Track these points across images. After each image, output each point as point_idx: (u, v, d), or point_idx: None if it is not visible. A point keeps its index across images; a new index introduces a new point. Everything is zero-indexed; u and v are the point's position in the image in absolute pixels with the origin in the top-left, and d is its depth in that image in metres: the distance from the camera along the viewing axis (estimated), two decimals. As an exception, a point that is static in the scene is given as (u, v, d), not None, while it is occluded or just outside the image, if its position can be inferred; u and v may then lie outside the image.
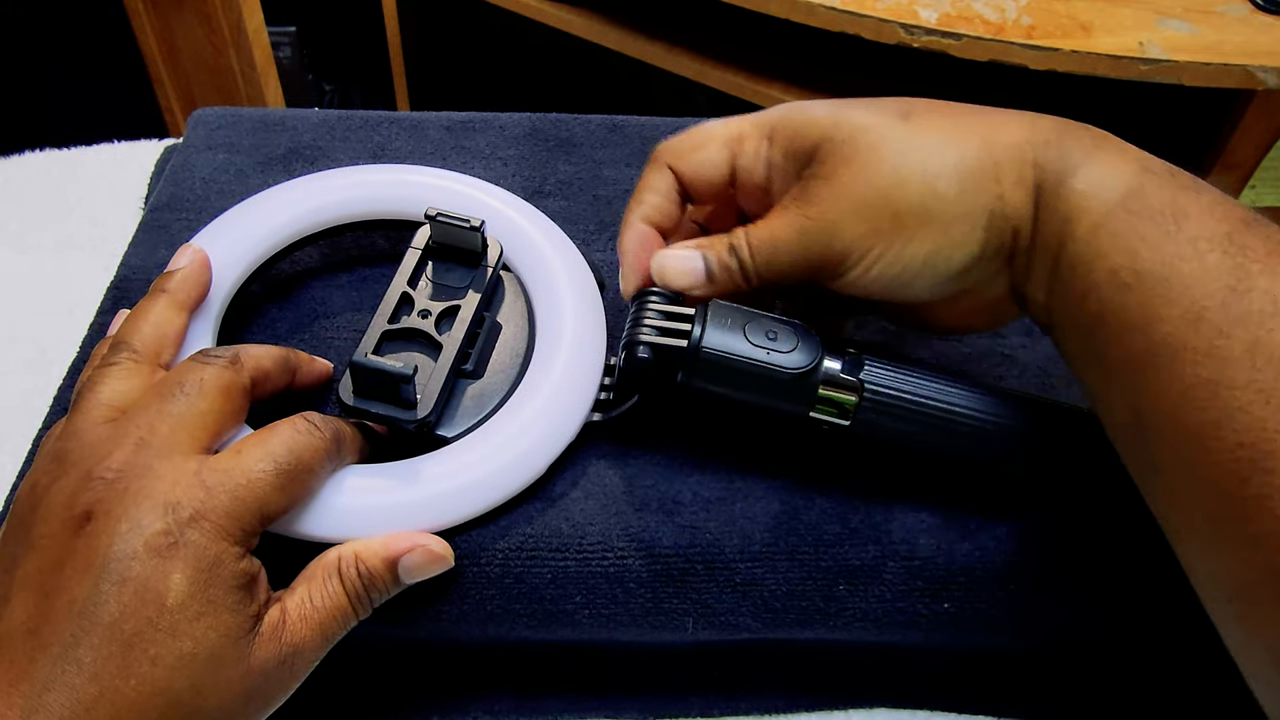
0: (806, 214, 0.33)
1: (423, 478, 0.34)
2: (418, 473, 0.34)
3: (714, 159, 0.36)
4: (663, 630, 0.35)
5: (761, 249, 0.34)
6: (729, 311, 0.34)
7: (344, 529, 0.33)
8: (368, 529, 0.33)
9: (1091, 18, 0.93)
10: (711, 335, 0.33)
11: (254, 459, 0.30)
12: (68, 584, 0.27)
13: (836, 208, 0.32)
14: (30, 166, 0.57)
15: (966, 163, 0.31)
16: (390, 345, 0.36)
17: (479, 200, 0.42)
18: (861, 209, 0.32)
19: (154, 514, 0.28)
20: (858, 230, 0.32)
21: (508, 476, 0.35)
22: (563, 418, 0.36)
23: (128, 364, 0.32)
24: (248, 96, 1.18)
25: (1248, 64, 0.88)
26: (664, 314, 0.35)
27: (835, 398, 0.34)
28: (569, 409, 0.36)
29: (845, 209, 0.32)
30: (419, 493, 0.34)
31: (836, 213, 0.32)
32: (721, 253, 0.34)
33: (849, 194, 0.32)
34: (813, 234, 0.33)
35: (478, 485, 0.34)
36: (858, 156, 0.32)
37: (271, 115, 0.51)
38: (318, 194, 0.41)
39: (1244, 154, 1.00)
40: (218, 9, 1.09)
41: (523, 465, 0.35)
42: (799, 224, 0.33)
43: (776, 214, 0.34)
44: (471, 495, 0.34)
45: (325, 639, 0.31)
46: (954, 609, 0.35)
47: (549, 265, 0.40)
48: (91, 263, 0.51)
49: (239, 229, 0.40)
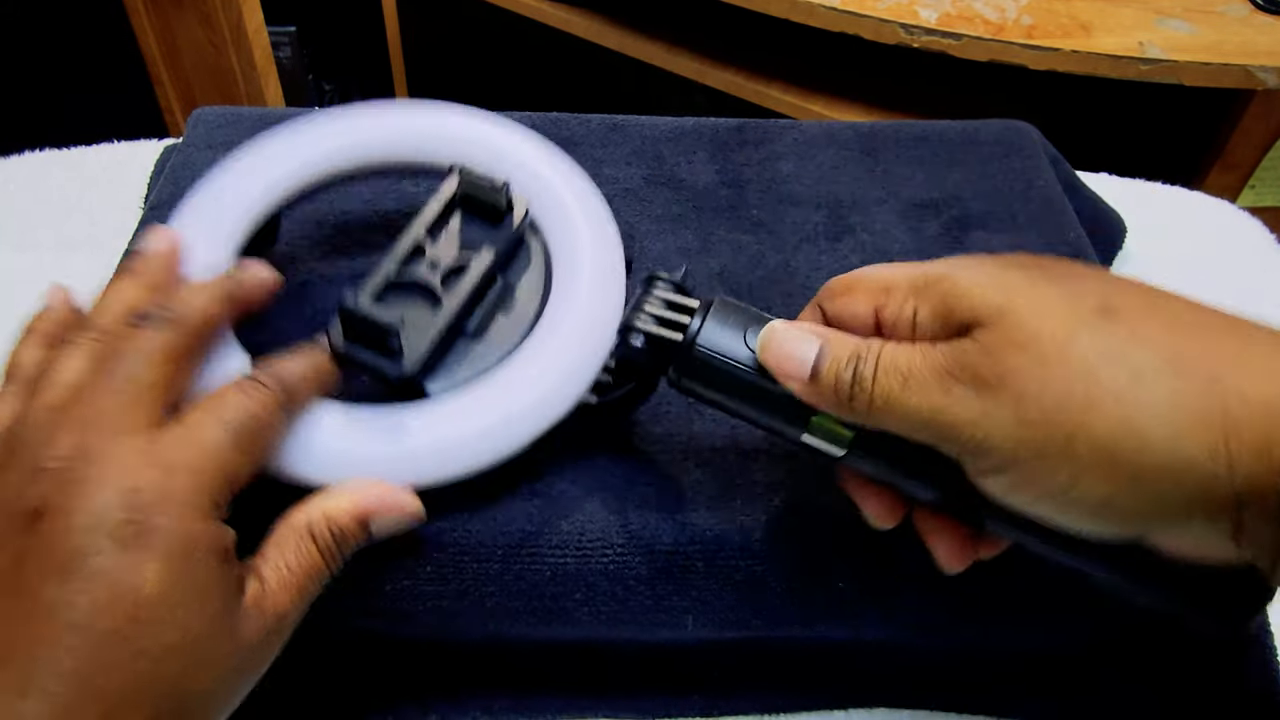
0: (957, 370, 0.26)
1: (397, 429, 0.33)
2: (393, 425, 0.33)
3: (857, 309, 0.31)
4: (663, 628, 0.35)
5: (891, 376, 0.27)
6: (734, 311, 0.32)
7: (311, 471, 0.32)
8: (338, 473, 0.32)
9: (1091, 18, 0.93)
10: (709, 333, 0.31)
11: (206, 428, 0.29)
12: (30, 585, 0.26)
13: (993, 390, 0.26)
14: (30, 166, 0.57)
15: (1186, 402, 0.24)
16: (393, 294, 0.35)
17: (515, 151, 0.40)
18: (1025, 410, 0.25)
19: (113, 503, 0.26)
20: (1013, 433, 0.25)
21: (486, 440, 0.34)
22: (553, 390, 0.34)
23: (89, 344, 0.30)
24: (248, 96, 1.18)
25: (1248, 64, 0.88)
26: (668, 303, 0.33)
27: (831, 427, 0.30)
28: (562, 383, 0.35)
29: (1005, 398, 0.25)
30: (393, 446, 0.33)
31: (992, 396, 0.26)
32: (842, 356, 0.29)
33: (1014, 383, 0.25)
34: (957, 397, 0.26)
35: (453, 444, 0.33)
36: (1036, 345, 0.25)
37: (271, 114, 0.51)
38: (345, 133, 0.40)
39: (1244, 154, 1.00)
40: (218, 9, 1.09)
41: (502, 431, 0.34)
42: (944, 375, 0.27)
43: (924, 349, 0.28)
44: (447, 454, 0.33)
45: (305, 601, 0.30)
46: (954, 608, 0.35)
47: (573, 233, 0.38)
48: (91, 263, 0.51)
49: (259, 163, 0.39)
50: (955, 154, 0.51)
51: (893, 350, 0.28)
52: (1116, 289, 0.27)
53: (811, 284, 0.44)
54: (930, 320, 0.28)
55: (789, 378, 0.30)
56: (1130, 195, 0.58)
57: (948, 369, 0.26)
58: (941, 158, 0.51)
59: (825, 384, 0.29)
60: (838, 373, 0.29)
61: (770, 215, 0.47)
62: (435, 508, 0.35)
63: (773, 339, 0.30)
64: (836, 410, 0.29)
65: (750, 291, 0.43)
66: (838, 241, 0.46)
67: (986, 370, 0.26)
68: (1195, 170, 1.03)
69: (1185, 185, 0.61)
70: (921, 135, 0.52)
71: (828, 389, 0.29)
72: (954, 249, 0.46)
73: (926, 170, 0.50)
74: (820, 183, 0.49)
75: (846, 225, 0.47)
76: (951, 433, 0.26)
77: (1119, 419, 0.24)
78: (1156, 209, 0.58)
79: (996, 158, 0.51)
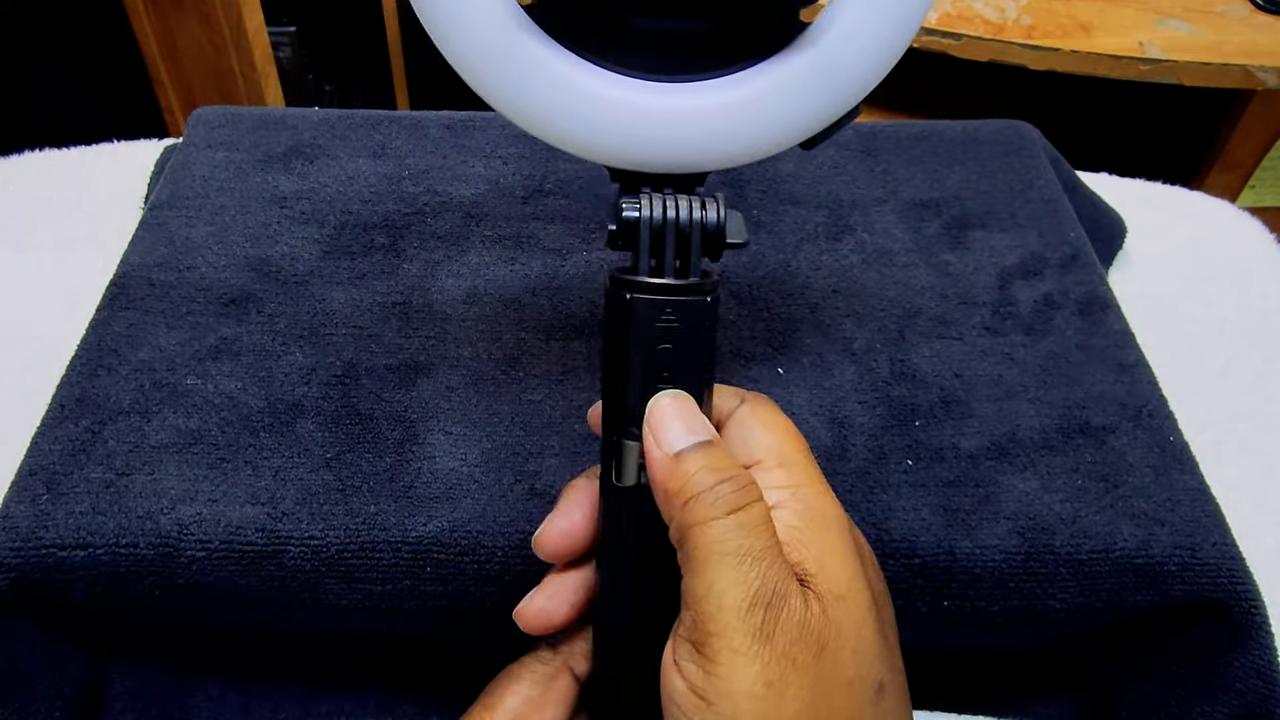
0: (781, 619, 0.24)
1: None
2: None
3: (751, 443, 0.29)
4: (663, 628, 0.35)
5: (740, 534, 0.25)
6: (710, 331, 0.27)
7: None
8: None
9: (1091, 18, 0.93)
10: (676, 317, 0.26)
11: None
12: None
13: (796, 669, 0.24)
14: (30, 166, 0.57)
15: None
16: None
17: None
18: (796, 700, 0.24)
19: None
20: (755, 701, 0.24)
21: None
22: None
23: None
24: (248, 96, 1.18)
25: (1248, 64, 0.88)
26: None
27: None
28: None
29: (793, 680, 0.24)
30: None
31: (791, 672, 0.24)
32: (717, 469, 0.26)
33: (812, 678, 0.24)
34: (755, 632, 0.24)
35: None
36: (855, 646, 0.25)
37: (271, 114, 0.51)
38: None
39: (1244, 154, 1.00)
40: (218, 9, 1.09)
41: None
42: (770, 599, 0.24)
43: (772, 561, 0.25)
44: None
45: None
46: (954, 607, 0.35)
47: None
48: (91, 262, 0.51)
49: None
50: (955, 154, 0.51)
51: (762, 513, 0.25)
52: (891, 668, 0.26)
53: (811, 284, 0.44)
54: (786, 527, 0.26)
55: (655, 444, 0.26)
56: (1130, 195, 0.58)
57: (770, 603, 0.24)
58: (941, 158, 0.51)
59: (681, 474, 0.26)
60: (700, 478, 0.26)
61: (770, 215, 0.47)
62: (435, 509, 0.35)
63: (665, 408, 0.27)
64: (663, 501, 0.26)
65: (750, 292, 0.43)
66: (838, 241, 0.46)
67: (801, 647, 0.24)
68: (1195, 170, 1.03)
69: (1185, 185, 0.61)
70: (921, 135, 0.52)
71: (678, 481, 0.26)
72: (954, 248, 0.46)
73: (926, 170, 0.50)
74: (820, 182, 0.49)
75: (847, 225, 0.47)
76: (718, 641, 0.24)
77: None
78: (1156, 209, 0.58)
79: (996, 158, 0.51)
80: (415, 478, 0.36)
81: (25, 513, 0.34)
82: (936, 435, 0.38)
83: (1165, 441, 0.38)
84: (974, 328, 0.42)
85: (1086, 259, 0.46)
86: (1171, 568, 0.35)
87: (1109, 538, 0.35)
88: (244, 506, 0.35)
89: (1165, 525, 0.36)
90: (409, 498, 0.35)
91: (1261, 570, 0.36)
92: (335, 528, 0.34)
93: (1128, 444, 0.38)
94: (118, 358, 0.39)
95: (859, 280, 0.44)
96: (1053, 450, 0.38)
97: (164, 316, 0.41)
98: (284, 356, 0.40)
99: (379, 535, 0.34)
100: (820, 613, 0.25)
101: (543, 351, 0.40)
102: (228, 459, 0.36)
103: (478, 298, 0.42)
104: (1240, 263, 0.55)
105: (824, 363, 0.41)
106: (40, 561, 0.33)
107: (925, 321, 0.42)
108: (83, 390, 0.38)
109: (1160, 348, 0.46)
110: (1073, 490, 0.37)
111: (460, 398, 0.39)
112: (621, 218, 0.27)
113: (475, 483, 0.36)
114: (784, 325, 0.42)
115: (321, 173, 0.48)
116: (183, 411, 0.37)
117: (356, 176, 0.48)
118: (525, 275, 0.44)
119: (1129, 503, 0.36)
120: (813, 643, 0.24)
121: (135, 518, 0.34)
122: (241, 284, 0.42)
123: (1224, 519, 0.36)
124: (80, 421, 0.37)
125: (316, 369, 0.39)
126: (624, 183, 0.28)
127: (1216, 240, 0.56)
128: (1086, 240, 0.47)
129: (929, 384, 0.40)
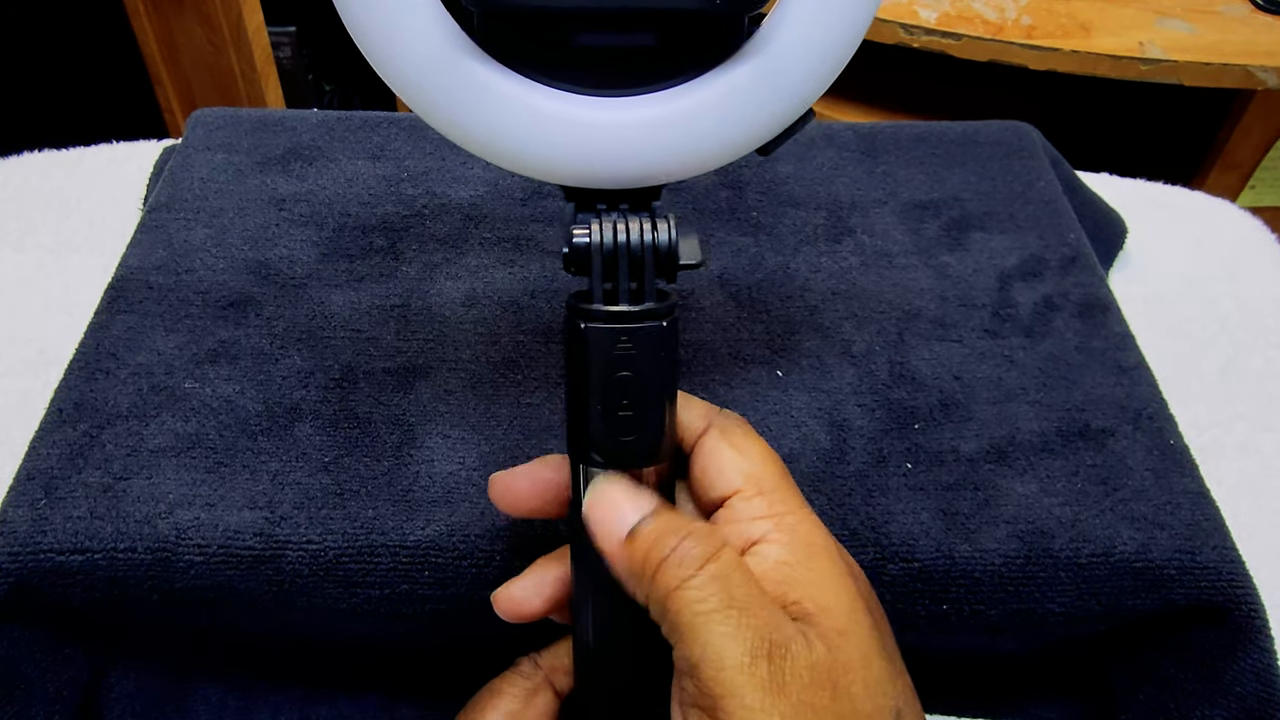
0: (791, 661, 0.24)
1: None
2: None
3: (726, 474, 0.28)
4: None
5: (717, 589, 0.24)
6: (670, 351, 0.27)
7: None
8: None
9: (1091, 18, 0.93)
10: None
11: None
12: None
13: (811, 706, 0.23)
14: (30, 166, 0.57)
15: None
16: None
17: None
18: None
19: None
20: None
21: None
22: None
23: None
24: (248, 96, 1.18)
25: (1248, 64, 0.88)
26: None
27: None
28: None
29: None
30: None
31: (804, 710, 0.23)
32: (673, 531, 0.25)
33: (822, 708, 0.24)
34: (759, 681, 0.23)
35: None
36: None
37: (271, 115, 0.51)
38: None
39: (1244, 154, 1.00)
40: (218, 9, 1.09)
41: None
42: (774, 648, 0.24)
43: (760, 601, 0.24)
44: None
45: None
46: (953, 610, 0.35)
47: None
48: (91, 263, 0.51)
49: None
50: (955, 155, 0.51)
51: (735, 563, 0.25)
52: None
53: (811, 286, 0.44)
54: (772, 562, 0.26)
55: (605, 537, 0.26)
56: (1130, 195, 0.58)
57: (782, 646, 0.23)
58: (941, 158, 0.51)
59: (640, 549, 0.25)
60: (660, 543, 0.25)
61: (770, 217, 0.47)
62: (433, 513, 0.35)
63: (599, 497, 0.27)
64: (633, 585, 0.26)
65: (750, 293, 0.43)
66: (837, 243, 0.46)
67: (815, 691, 0.23)
68: (1195, 170, 1.03)
69: (1185, 185, 0.61)
70: (921, 136, 0.52)
71: (639, 556, 0.25)
72: (954, 250, 0.46)
73: (926, 171, 0.50)
74: (820, 184, 0.49)
75: (846, 227, 0.47)
76: (730, 702, 0.23)
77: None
78: (1157, 209, 0.58)
79: (996, 158, 0.51)
80: (413, 481, 0.36)
81: (23, 517, 0.34)
82: (936, 438, 0.38)
83: (1165, 445, 0.38)
84: (973, 330, 0.42)
85: (1086, 261, 0.46)
86: (1171, 571, 0.35)
87: (1109, 541, 0.35)
88: (242, 511, 0.34)
89: (1165, 529, 0.36)
90: (407, 501, 0.35)
91: (1261, 573, 0.36)
92: (333, 532, 0.34)
93: (1127, 447, 0.38)
94: (116, 361, 0.39)
95: (858, 282, 0.44)
96: (1052, 453, 0.38)
97: (162, 320, 0.41)
98: (282, 360, 0.40)
99: (377, 539, 0.34)
100: (826, 652, 0.24)
101: (541, 354, 0.40)
102: (226, 463, 0.36)
103: (476, 300, 0.42)
104: (1241, 263, 0.55)
105: (823, 365, 0.41)
106: (38, 566, 0.33)
107: (925, 324, 0.42)
108: (81, 394, 0.38)
109: (1160, 347, 0.46)
110: (1072, 493, 0.37)
111: (458, 401, 0.38)
112: (573, 244, 0.26)
113: (474, 486, 0.36)
114: (783, 327, 0.42)
115: (320, 175, 0.48)
116: (181, 415, 0.37)
117: (355, 179, 0.48)
118: (524, 278, 0.44)
119: (1129, 506, 0.36)
120: (826, 685, 0.24)
121: (133, 522, 0.34)
122: (240, 287, 0.42)
123: (1224, 522, 0.36)
124: (78, 425, 0.37)
125: (315, 372, 0.39)
126: (578, 201, 0.27)
127: (1217, 240, 0.56)
128: (1087, 242, 0.47)
129: (928, 386, 0.40)
